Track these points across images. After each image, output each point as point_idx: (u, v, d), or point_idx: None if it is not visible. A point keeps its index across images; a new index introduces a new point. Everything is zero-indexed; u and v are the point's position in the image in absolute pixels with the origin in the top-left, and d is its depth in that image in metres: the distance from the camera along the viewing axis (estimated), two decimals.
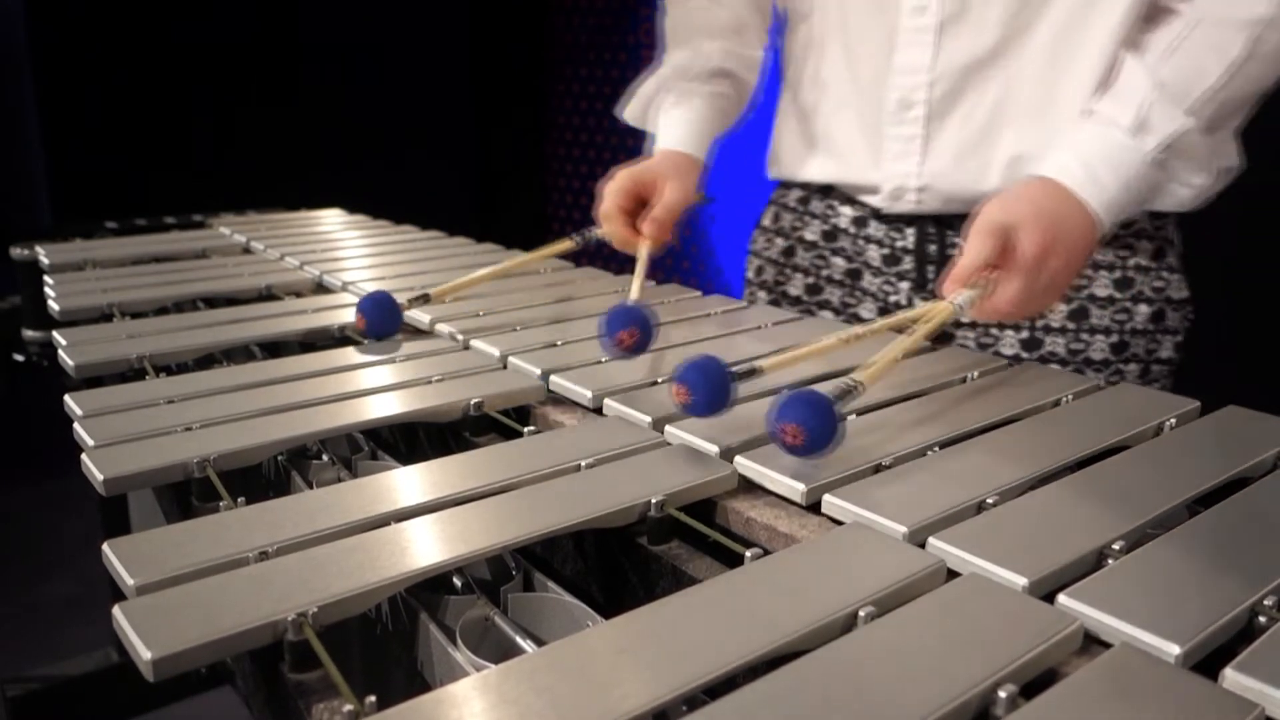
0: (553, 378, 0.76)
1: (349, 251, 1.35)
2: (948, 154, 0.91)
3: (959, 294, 0.72)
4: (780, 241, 1.08)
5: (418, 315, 0.96)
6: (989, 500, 0.54)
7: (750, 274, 1.14)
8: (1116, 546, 0.49)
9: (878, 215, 0.99)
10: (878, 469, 0.59)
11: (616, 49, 3.77)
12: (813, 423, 0.56)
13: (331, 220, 1.66)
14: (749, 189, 3.65)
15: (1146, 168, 0.78)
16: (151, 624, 0.42)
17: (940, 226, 0.94)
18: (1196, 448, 0.62)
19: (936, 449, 0.62)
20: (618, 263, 0.99)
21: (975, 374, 0.77)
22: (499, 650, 0.47)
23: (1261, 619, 0.43)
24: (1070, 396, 0.71)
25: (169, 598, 0.45)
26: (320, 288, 1.15)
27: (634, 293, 0.90)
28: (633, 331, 0.77)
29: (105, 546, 0.49)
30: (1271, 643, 0.41)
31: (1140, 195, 0.80)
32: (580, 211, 4.03)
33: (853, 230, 1.00)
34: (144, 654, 0.40)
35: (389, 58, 3.66)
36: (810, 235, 1.05)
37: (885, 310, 0.99)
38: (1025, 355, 0.93)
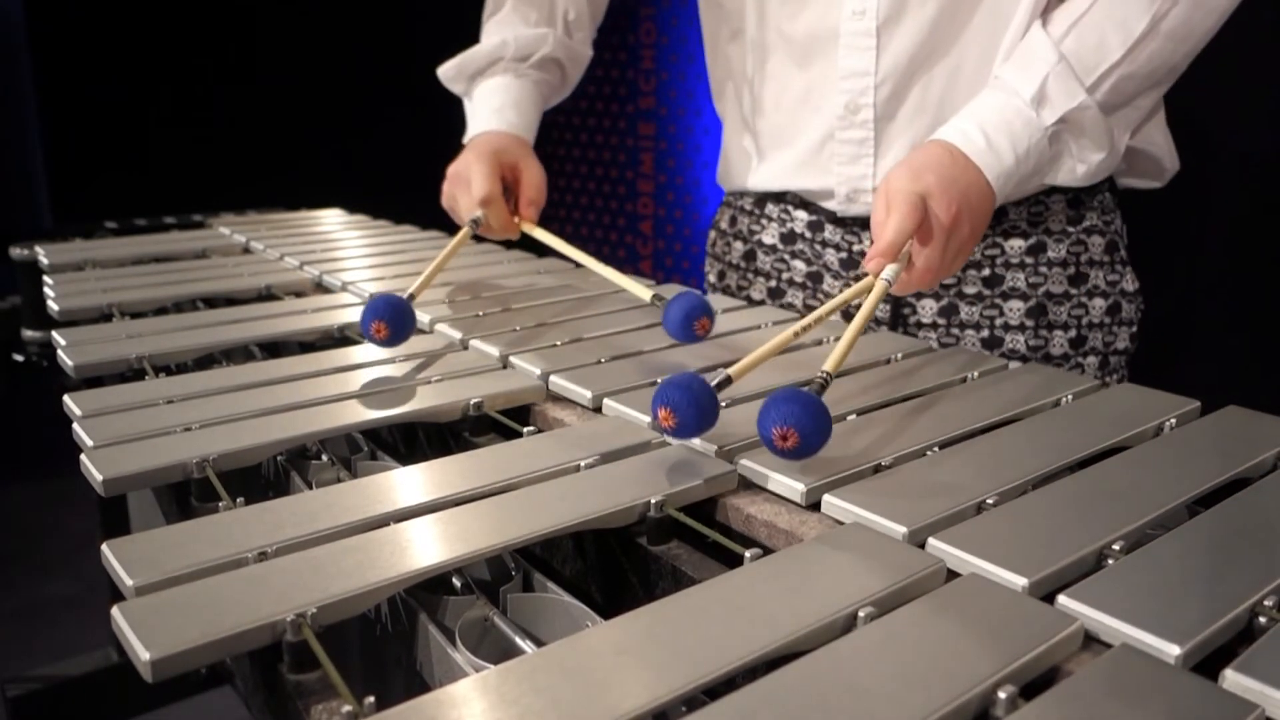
0: (552, 378, 0.76)
1: (349, 251, 1.34)
2: (901, 153, 0.91)
3: (887, 269, 0.71)
4: (739, 245, 1.08)
5: (417, 315, 0.96)
6: (989, 500, 0.54)
7: (712, 278, 1.14)
8: (1116, 547, 0.49)
9: (833, 219, 0.99)
10: (878, 469, 0.59)
11: (616, 49, 3.77)
12: (804, 421, 0.54)
13: (331, 220, 1.65)
14: None
15: (1042, 141, 0.79)
16: (151, 624, 0.42)
17: None
18: (1196, 448, 0.62)
19: (936, 449, 0.62)
20: (617, 264, 0.99)
21: (975, 374, 0.77)
22: (498, 651, 0.47)
23: (1262, 619, 0.43)
24: (1070, 396, 0.71)
25: (168, 598, 0.45)
26: (320, 288, 1.15)
27: (589, 262, 0.94)
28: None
29: (105, 547, 0.49)
30: (1272, 643, 0.41)
31: (1036, 167, 0.81)
32: (579, 211, 4.03)
33: (809, 235, 1.01)
34: (143, 655, 0.40)
35: (390, 56, 3.66)
36: (769, 239, 1.05)
37: (849, 313, 0.99)
38: (987, 354, 0.93)
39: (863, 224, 0.97)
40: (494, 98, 1.06)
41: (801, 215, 1.01)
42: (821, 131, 0.94)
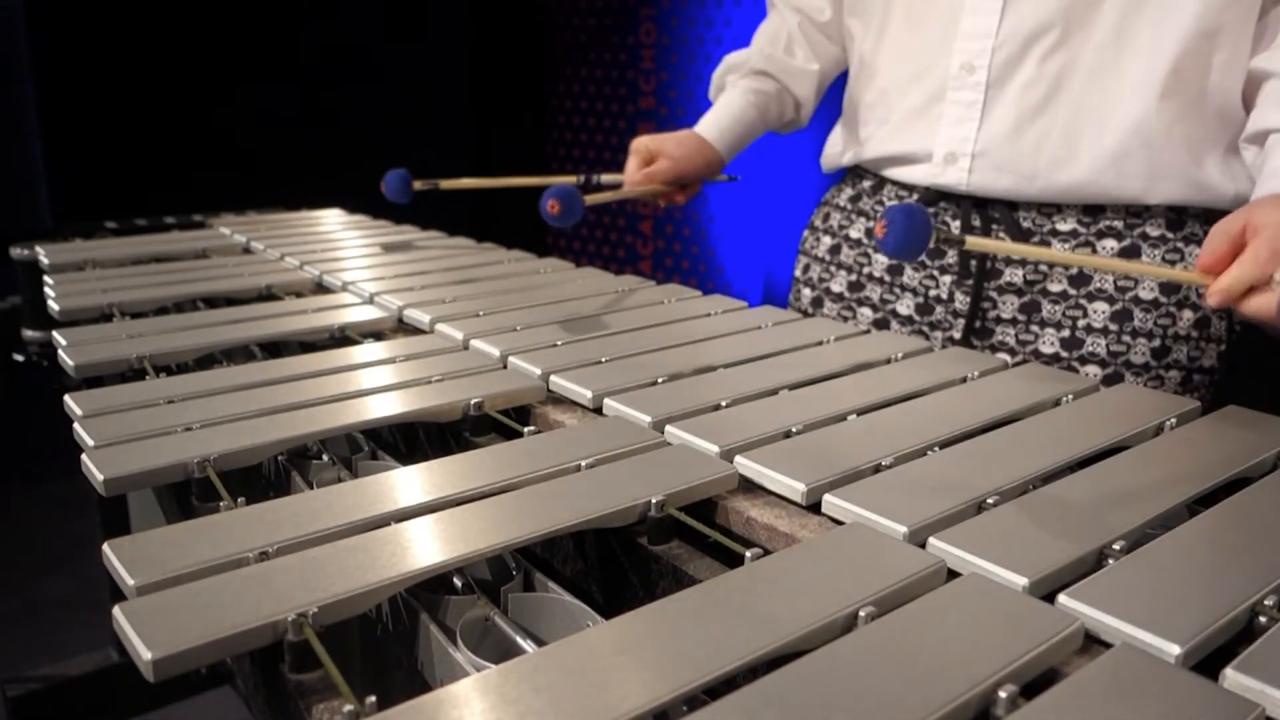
0: (553, 378, 0.76)
1: (349, 251, 1.34)
2: (1005, 122, 0.91)
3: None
4: (827, 240, 1.10)
5: (418, 315, 0.96)
6: (989, 500, 0.54)
7: (797, 272, 1.15)
8: (1117, 546, 0.49)
9: (926, 204, 0.98)
10: (878, 469, 0.59)
11: (616, 49, 3.77)
12: (899, 220, 0.65)
13: (331, 220, 1.65)
14: (748, 196, 3.64)
15: None
16: (152, 624, 0.42)
17: (984, 218, 0.94)
18: (1196, 448, 0.62)
19: (936, 449, 0.62)
20: (617, 263, 0.99)
21: (975, 374, 0.77)
22: (499, 650, 0.47)
23: (1262, 619, 0.43)
24: (1070, 396, 0.71)
25: (169, 598, 0.45)
26: (320, 288, 1.15)
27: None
28: (554, 204, 0.88)
29: (105, 547, 0.49)
30: (1272, 643, 0.41)
31: None
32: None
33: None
34: (144, 654, 0.40)
35: (389, 57, 3.66)
36: (855, 234, 1.06)
37: (924, 306, 0.99)
38: (1065, 354, 0.92)
39: (952, 215, 0.97)
40: (714, 107, 1.21)
41: (895, 203, 1.01)
42: (930, 91, 0.95)
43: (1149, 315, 0.91)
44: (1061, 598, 0.44)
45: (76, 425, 0.67)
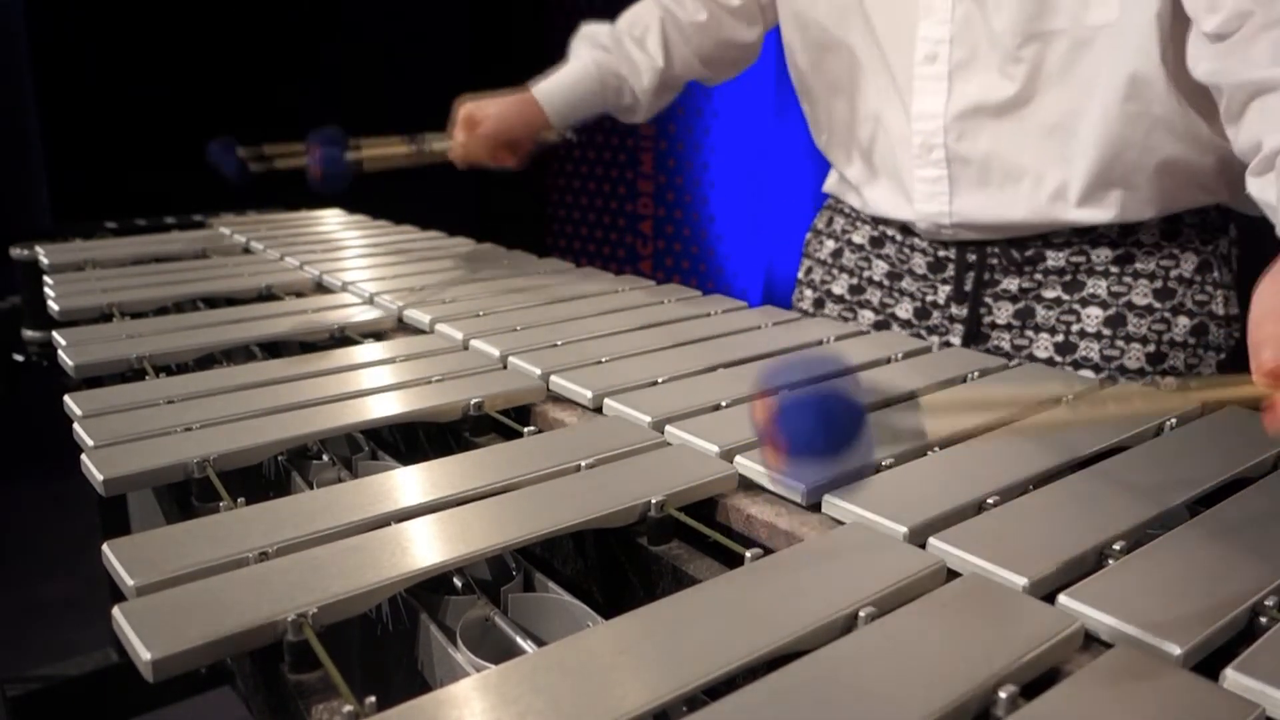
0: (553, 377, 0.76)
1: (349, 251, 1.35)
2: (973, 192, 0.91)
3: None
4: (830, 243, 1.10)
5: (418, 315, 0.96)
6: (989, 500, 0.54)
7: (800, 274, 1.15)
8: (1117, 546, 0.49)
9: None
10: (878, 469, 0.59)
11: None
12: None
13: (331, 220, 1.66)
14: (748, 196, 3.64)
15: None
16: (151, 625, 0.42)
17: (980, 255, 0.94)
18: (1196, 448, 0.62)
19: (936, 449, 0.62)
20: (617, 263, 0.99)
21: (975, 374, 0.77)
22: (499, 650, 0.47)
23: (1262, 619, 0.43)
24: (1070, 396, 0.71)
25: (169, 598, 0.45)
26: (320, 288, 1.15)
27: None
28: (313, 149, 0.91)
29: (105, 547, 0.49)
30: (1272, 643, 0.41)
31: None
32: (579, 211, 4.03)
33: (899, 238, 1.00)
34: (144, 654, 0.40)
35: (389, 57, 3.66)
36: (858, 239, 1.06)
37: (922, 310, 0.99)
38: (1059, 359, 0.92)
39: (951, 248, 0.97)
40: (559, 69, 1.19)
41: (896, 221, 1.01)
42: (900, 166, 0.95)
43: (1143, 320, 0.90)
44: (1061, 598, 0.44)
45: (76, 425, 0.67)
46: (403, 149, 1.17)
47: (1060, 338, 0.92)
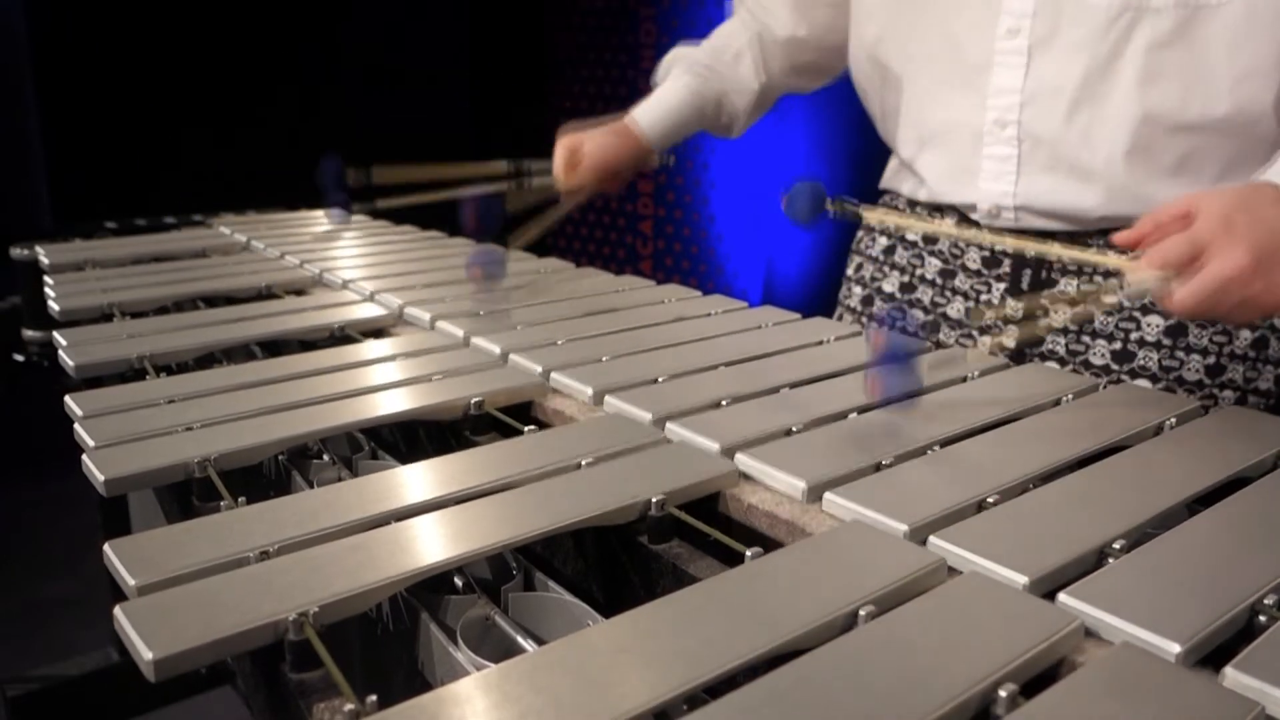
0: (553, 375, 0.76)
1: (349, 251, 1.35)
2: (1041, 173, 0.90)
3: (1142, 276, 0.67)
4: (883, 240, 1.08)
5: (418, 313, 0.96)
6: (989, 499, 0.54)
7: (849, 270, 1.13)
8: (1117, 545, 0.49)
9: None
10: (878, 467, 0.59)
11: (616, 49, 3.77)
12: (889, 375, 0.65)
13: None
14: (748, 196, 3.63)
15: None
16: (152, 624, 0.42)
17: (1041, 235, 0.93)
18: (1196, 448, 0.62)
19: (937, 448, 0.62)
20: (617, 263, 0.99)
21: (975, 374, 0.77)
22: (500, 650, 0.47)
23: (1262, 618, 0.43)
24: (1070, 396, 0.71)
25: (170, 598, 0.45)
26: (320, 286, 1.15)
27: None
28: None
29: (106, 547, 0.49)
30: (1272, 642, 0.41)
31: None
32: (579, 210, 4.03)
33: (954, 232, 0.99)
34: (145, 654, 0.40)
35: (390, 56, 3.66)
36: (912, 235, 1.04)
37: (974, 310, 0.98)
38: (1115, 367, 0.90)
39: (1011, 232, 0.95)
40: (653, 94, 1.18)
41: (953, 212, 1.00)
42: (967, 145, 0.93)
43: (1204, 332, 0.89)
44: (1062, 596, 0.44)
45: (77, 426, 0.67)
46: (501, 172, 1.17)
47: (1118, 345, 0.91)
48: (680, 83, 1.16)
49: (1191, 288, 0.66)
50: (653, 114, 1.15)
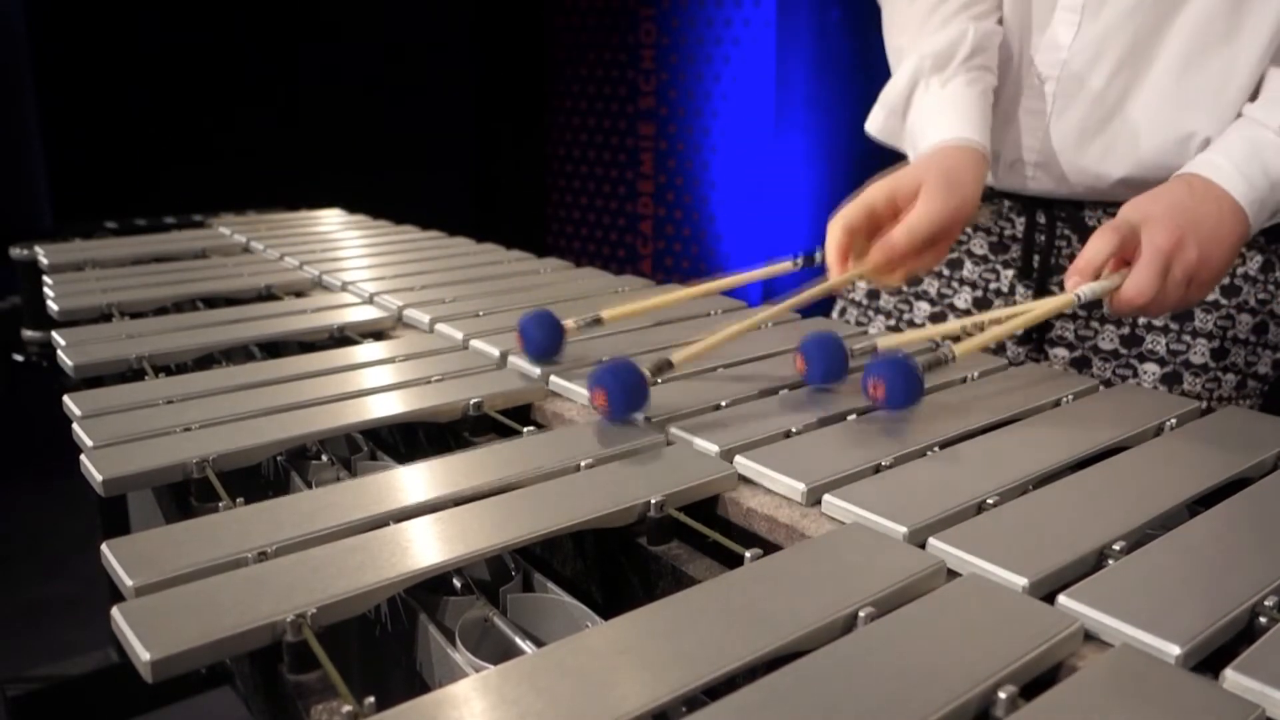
0: (552, 377, 0.76)
1: (349, 251, 1.34)
2: (1069, 135, 0.90)
3: (1083, 287, 0.71)
4: None
5: (417, 315, 0.96)
6: (989, 500, 0.54)
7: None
8: (1117, 547, 0.49)
9: (989, 194, 0.97)
10: (878, 469, 0.59)
11: (616, 49, 3.77)
12: (893, 377, 0.63)
13: (331, 220, 1.65)
14: (748, 195, 3.63)
15: None
16: (150, 625, 0.42)
17: (1050, 216, 0.94)
18: (1196, 448, 0.62)
19: (936, 449, 0.62)
20: (617, 263, 0.99)
21: (975, 374, 0.77)
22: (498, 651, 0.47)
23: (1262, 619, 0.43)
24: (1070, 396, 0.71)
25: (168, 599, 0.45)
26: (320, 287, 1.15)
27: (699, 346, 0.73)
28: (600, 394, 0.65)
29: (104, 547, 0.49)
30: (1272, 643, 0.41)
31: None
32: (579, 211, 4.03)
33: None
34: (143, 655, 0.40)
35: (390, 57, 3.66)
36: None
37: (983, 300, 0.98)
38: (1124, 351, 0.92)
39: (1017, 213, 0.96)
40: (926, 118, 0.90)
41: None
42: (1006, 94, 0.93)
43: (1209, 316, 0.90)
44: (1061, 598, 0.44)
45: (76, 425, 0.67)
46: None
47: (1126, 330, 0.92)
48: (956, 81, 0.90)
49: (1137, 272, 0.70)
50: (972, 116, 0.87)
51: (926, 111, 0.89)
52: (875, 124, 0.96)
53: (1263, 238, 0.91)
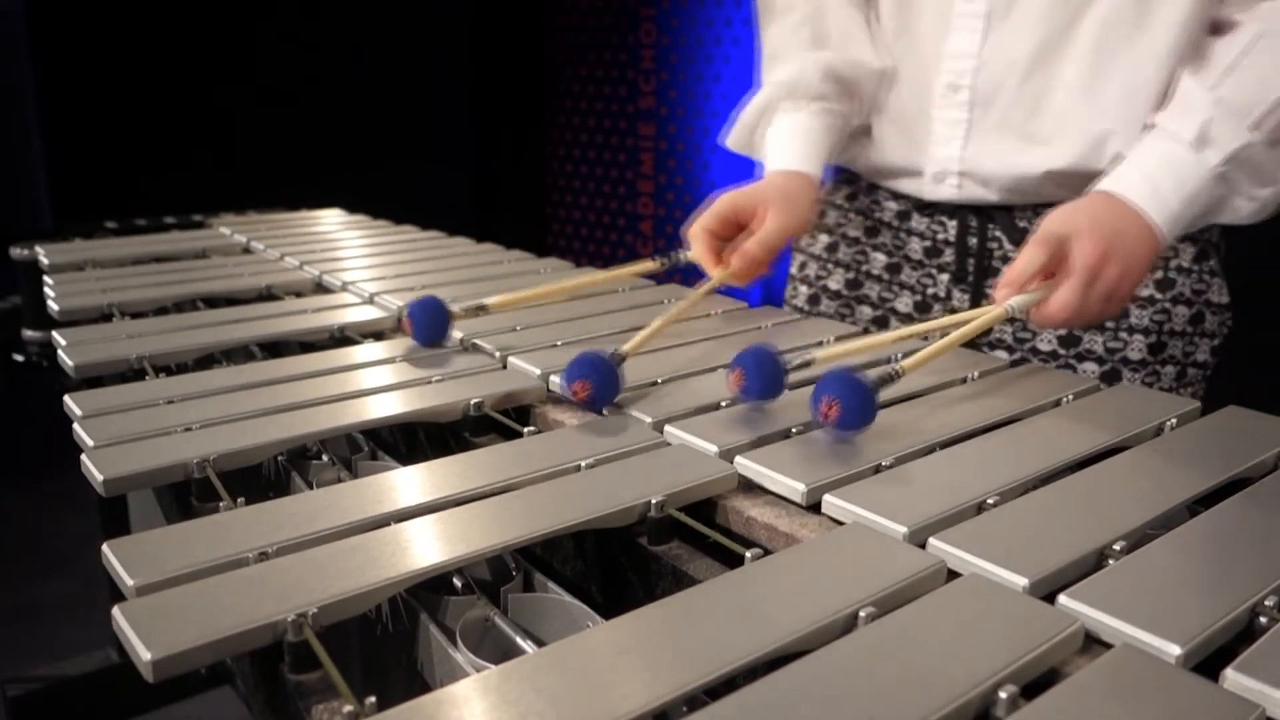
0: (552, 378, 0.76)
1: (349, 251, 1.35)
2: (990, 141, 0.91)
3: (1013, 299, 0.74)
4: (824, 237, 1.09)
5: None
6: (989, 500, 0.54)
7: (794, 269, 1.14)
8: (1117, 547, 0.49)
9: (920, 208, 0.99)
10: (878, 469, 0.59)
11: (616, 49, 3.77)
12: (848, 397, 0.59)
13: (331, 220, 1.66)
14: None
15: (1209, 182, 0.79)
16: (151, 625, 0.42)
17: (981, 219, 0.95)
18: (1196, 448, 0.62)
19: (936, 449, 0.62)
20: (617, 263, 0.99)
21: (975, 374, 0.77)
22: (499, 651, 0.47)
23: (1262, 619, 0.43)
24: (1070, 396, 0.71)
25: (169, 598, 0.45)
26: (320, 288, 1.15)
27: (642, 334, 0.79)
28: (585, 384, 0.68)
29: (105, 547, 0.49)
30: (1272, 643, 0.41)
31: (1203, 209, 0.80)
32: (579, 211, 4.04)
33: (895, 224, 1.00)
34: (144, 655, 0.40)
35: (390, 57, 3.66)
36: (853, 232, 1.05)
37: (923, 304, 0.99)
38: (1062, 351, 0.92)
39: (949, 214, 0.97)
40: (775, 142, 0.99)
41: (891, 205, 1.02)
42: (917, 107, 0.95)
43: (1145, 312, 0.92)
44: (1061, 598, 0.44)
45: (76, 425, 0.67)
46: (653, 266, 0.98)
47: (1063, 331, 0.92)
48: (803, 111, 0.99)
49: (1065, 289, 0.73)
50: (807, 150, 0.96)
51: (773, 138, 0.99)
52: (730, 139, 1.05)
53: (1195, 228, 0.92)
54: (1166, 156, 0.79)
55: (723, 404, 0.70)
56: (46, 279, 1.15)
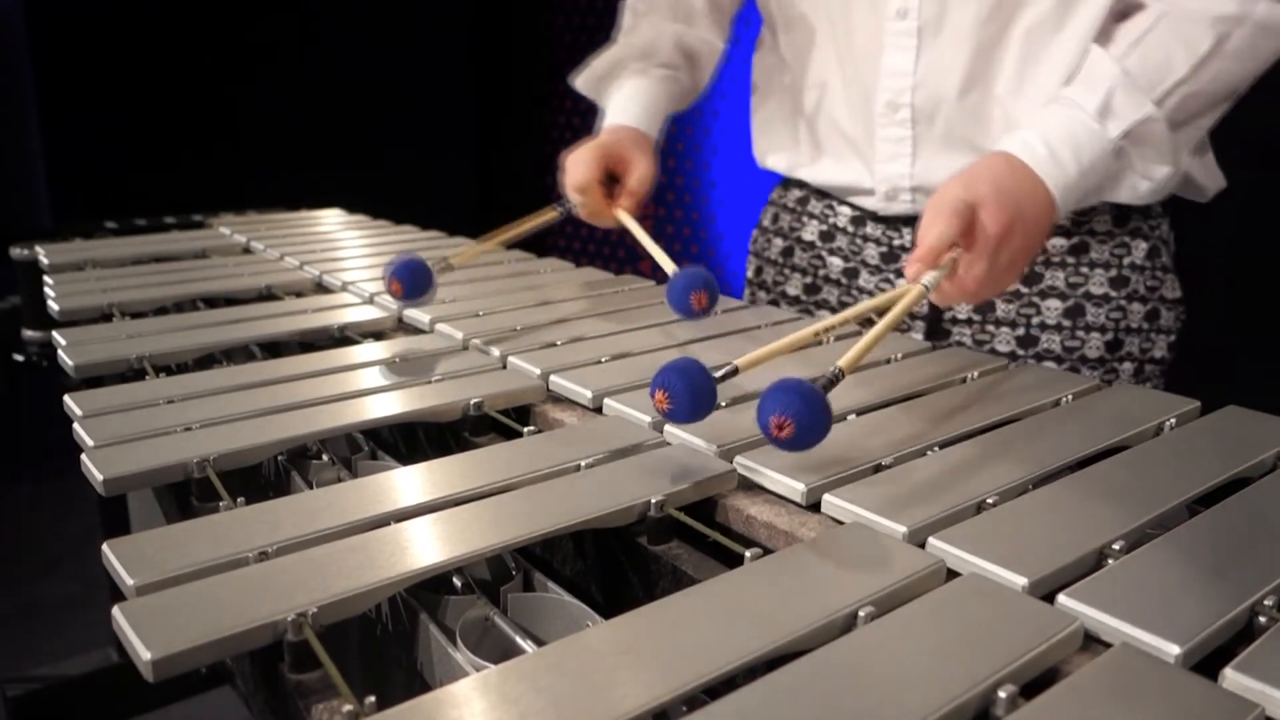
0: (552, 377, 0.76)
1: (349, 251, 1.35)
2: (936, 154, 0.91)
3: (926, 275, 0.71)
4: (779, 242, 1.09)
5: (417, 315, 0.96)
6: (989, 500, 0.54)
7: (750, 274, 1.15)
8: (1116, 546, 0.49)
9: (875, 216, 0.99)
10: (878, 469, 0.59)
11: None
12: (802, 412, 0.53)
13: (331, 220, 1.66)
14: (752, 186, 3.63)
15: (1107, 154, 0.79)
16: (151, 624, 0.42)
17: None
18: (1196, 448, 0.62)
19: (936, 449, 0.62)
20: (617, 263, 0.99)
21: (975, 374, 0.77)
22: (499, 650, 0.47)
23: (1261, 619, 0.43)
24: (1070, 396, 0.71)
25: (169, 598, 0.45)
26: (320, 288, 1.15)
27: (666, 262, 0.96)
28: (701, 295, 0.85)
29: (105, 546, 0.49)
30: (1271, 643, 0.41)
31: (1099, 181, 0.81)
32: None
33: (851, 229, 1.01)
34: (143, 654, 0.40)
35: (390, 57, 3.66)
36: (808, 236, 1.05)
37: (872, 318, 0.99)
38: (1021, 352, 0.93)
39: (904, 220, 0.97)
40: (621, 97, 1.10)
41: (845, 210, 1.02)
42: (861, 126, 0.95)
43: (1100, 310, 0.92)
44: (1061, 598, 0.44)
45: (76, 425, 0.67)
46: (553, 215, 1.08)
47: (1021, 331, 0.93)
48: (649, 75, 1.10)
49: (976, 262, 0.72)
50: (650, 111, 1.08)
51: (619, 92, 1.09)
52: (579, 81, 1.14)
53: (1145, 224, 0.93)
54: (1068, 123, 0.79)
55: (722, 404, 0.70)
56: (46, 279, 1.15)
